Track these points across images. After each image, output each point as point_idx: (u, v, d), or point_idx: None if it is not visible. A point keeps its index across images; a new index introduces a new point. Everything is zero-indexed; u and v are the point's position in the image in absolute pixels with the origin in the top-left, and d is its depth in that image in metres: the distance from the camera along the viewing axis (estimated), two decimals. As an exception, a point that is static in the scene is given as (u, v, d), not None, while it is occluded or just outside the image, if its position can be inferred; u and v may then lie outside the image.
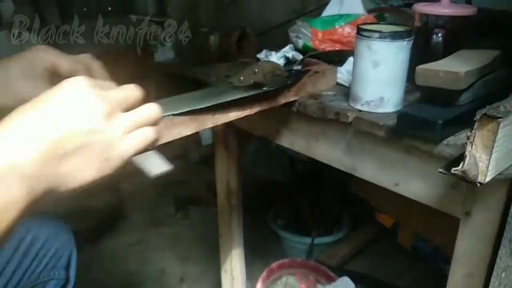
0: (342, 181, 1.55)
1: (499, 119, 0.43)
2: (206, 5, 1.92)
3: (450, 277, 0.59)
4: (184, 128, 0.54)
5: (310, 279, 1.33)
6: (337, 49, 0.86)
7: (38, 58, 0.57)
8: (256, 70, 0.71)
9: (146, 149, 0.44)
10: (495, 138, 0.43)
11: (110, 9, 1.73)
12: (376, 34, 0.59)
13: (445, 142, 0.53)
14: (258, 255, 1.45)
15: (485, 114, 0.43)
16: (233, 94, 0.60)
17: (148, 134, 0.44)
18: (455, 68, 0.54)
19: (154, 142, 0.45)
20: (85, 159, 0.39)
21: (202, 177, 1.92)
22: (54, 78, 0.57)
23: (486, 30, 0.72)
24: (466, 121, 0.48)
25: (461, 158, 0.45)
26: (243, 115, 0.61)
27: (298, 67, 0.81)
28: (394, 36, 0.59)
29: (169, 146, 0.52)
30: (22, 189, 0.36)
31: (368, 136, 0.62)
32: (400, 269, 1.47)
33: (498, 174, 0.46)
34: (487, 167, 0.44)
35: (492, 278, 0.53)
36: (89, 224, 1.71)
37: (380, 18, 0.91)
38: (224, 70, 0.88)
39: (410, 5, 0.78)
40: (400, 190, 0.63)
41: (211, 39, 1.14)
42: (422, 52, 0.65)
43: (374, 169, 0.65)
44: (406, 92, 0.64)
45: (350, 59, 0.72)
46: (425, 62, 0.57)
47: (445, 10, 0.67)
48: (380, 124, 0.59)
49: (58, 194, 0.39)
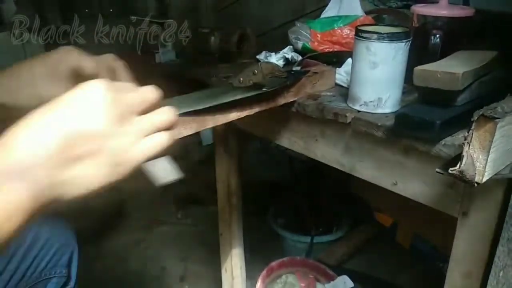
0: (341, 180, 1.55)
1: (496, 120, 0.43)
2: (207, 6, 1.92)
3: (448, 276, 0.59)
4: (184, 128, 0.54)
5: (310, 278, 1.33)
6: (335, 50, 0.86)
7: (63, 59, 0.57)
8: (255, 71, 0.71)
9: (158, 155, 0.42)
10: (492, 138, 0.43)
11: (111, 10, 1.73)
12: (374, 35, 0.59)
13: (442, 142, 0.53)
14: (258, 254, 1.45)
15: (482, 115, 0.43)
16: (233, 94, 0.60)
17: (162, 139, 0.42)
18: (453, 69, 0.54)
19: (167, 148, 0.43)
20: (94, 165, 0.38)
21: (202, 176, 1.92)
22: (78, 79, 0.57)
23: (484, 31, 0.72)
24: (463, 121, 0.48)
25: (458, 158, 0.45)
26: (243, 116, 0.62)
27: (297, 68, 0.81)
28: (392, 37, 0.59)
29: (169, 146, 0.51)
30: (29, 195, 0.35)
31: (366, 136, 0.62)
32: (398, 268, 1.47)
33: (495, 174, 0.46)
34: (484, 167, 0.44)
35: (490, 277, 0.53)
36: (90, 223, 1.71)
37: (378, 19, 0.91)
38: (224, 71, 0.88)
39: (408, 6, 0.78)
40: (398, 190, 0.63)
41: (211, 40, 1.14)
42: (420, 53, 0.65)
43: (372, 169, 0.65)
44: (404, 92, 0.64)
45: (349, 60, 0.72)
46: (423, 63, 0.57)
47: (443, 11, 0.67)
48: (378, 124, 0.59)
49: (64, 201, 0.38)
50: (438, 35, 0.66)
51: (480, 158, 0.44)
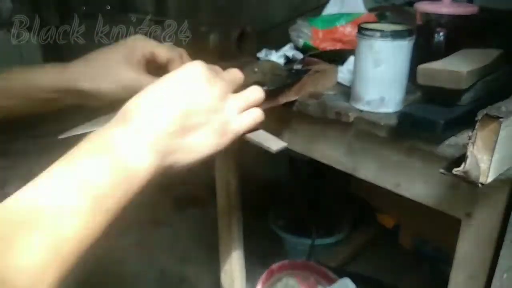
0: (343, 181, 1.56)
1: (501, 119, 0.43)
2: (206, 3, 1.93)
3: (451, 278, 0.60)
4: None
5: (311, 281, 1.33)
6: (337, 48, 0.86)
7: (138, 46, 0.62)
8: (256, 69, 0.71)
9: (255, 128, 0.49)
10: (497, 138, 0.43)
11: (109, 7, 1.73)
12: (377, 33, 0.59)
13: (446, 142, 0.53)
14: (258, 256, 1.45)
15: (486, 114, 0.44)
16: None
17: (256, 114, 0.49)
18: (457, 67, 0.55)
19: (261, 122, 0.49)
20: (204, 134, 0.44)
21: (201, 177, 1.92)
22: (151, 65, 0.63)
23: (488, 29, 0.72)
24: (467, 121, 0.48)
25: (462, 158, 0.45)
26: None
27: (299, 67, 0.81)
28: (396, 35, 0.59)
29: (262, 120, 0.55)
30: (151, 157, 0.40)
31: (369, 136, 0.62)
32: (401, 270, 1.47)
33: (499, 175, 0.46)
34: (489, 168, 0.44)
35: (493, 279, 0.53)
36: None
37: (381, 17, 0.91)
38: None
39: (411, 3, 0.78)
40: (401, 191, 0.63)
41: (211, 38, 1.14)
42: (423, 51, 0.65)
43: (375, 169, 0.66)
44: (408, 91, 0.64)
45: (351, 59, 0.72)
46: (426, 62, 0.58)
47: (447, 9, 0.68)
48: (381, 124, 0.59)
49: (177, 168, 0.44)
50: (441, 33, 0.66)
51: (484, 158, 0.44)
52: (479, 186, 0.45)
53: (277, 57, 0.87)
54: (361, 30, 0.61)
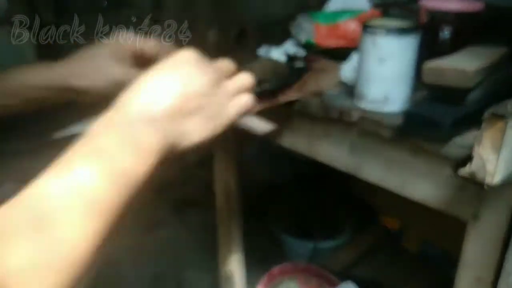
0: (346, 182, 1.56)
1: (508, 119, 0.43)
2: (205, -1, 1.93)
3: (457, 281, 0.60)
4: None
5: (313, 284, 1.34)
6: (341, 45, 0.86)
7: (125, 42, 0.65)
8: (256, 67, 0.72)
9: (246, 112, 0.52)
10: (504, 138, 0.43)
11: (106, 3, 1.74)
12: (381, 30, 0.59)
13: (452, 142, 0.53)
14: (258, 259, 1.46)
15: (493, 114, 0.44)
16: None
17: (247, 99, 0.52)
18: (463, 65, 0.55)
19: (252, 107, 0.53)
20: (201, 119, 0.47)
21: (200, 178, 1.92)
22: (140, 60, 0.65)
23: (494, 26, 0.72)
24: (474, 120, 0.48)
25: (468, 159, 0.45)
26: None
27: (300, 64, 0.81)
28: (401, 32, 0.59)
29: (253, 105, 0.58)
30: (157, 139, 0.42)
31: (372, 136, 0.63)
32: (406, 273, 1.47)
33: (507, 175, 0.47)
34: (495, 168, 0.44)
35: (500, 282, 0.53)
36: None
37: (385, 13, 0.91)
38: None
39: (416, 0, 0.78)
40: (405, 192, 0.63)
41: (210, 35, 1.14)
42: (429, 49, 0.65)
43: (379, 170, 0.66)
44: (413, 90, 0.64)
45: (355, 56, 0.72)
46: (431, 59, 0.58)
47: (452, 5, 0.68)
48: (385, 123, 0.60)
49: (176, 152, 0.46)
50: (447, 30, 0.66)
51: (490, 159, 0.44)
52: (486, 187, 0.45)
53: (278, 54, 0.88)
54: (365, 27, 0.61)
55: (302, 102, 0.70)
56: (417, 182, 0.61)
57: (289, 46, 0.89)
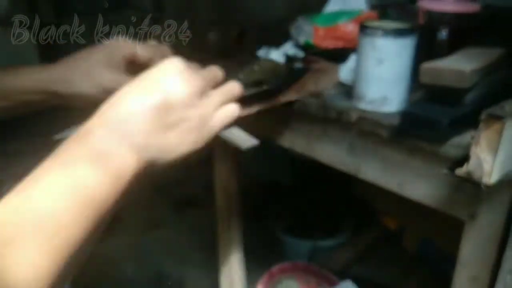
0: (345, 182, 1.56)
1: (505, 119, 0.43)
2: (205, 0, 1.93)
3: (454, 280, 0.60)
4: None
5: (312, 284, 1.34)
6: (339, 46, 0.87)
7: (118, 48, 0.63)
8: (255, 68, 0.72)
9: (230, 123, 0.50)
10: (500, 138, 0.44)
11: (107, 4, 1.74)
12: (379, 31, 0.60)
13: (450, 142, 0.53)
14: (258, 259, 1.46)
15: (490, 114, 0.44)
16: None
17: (233, 109, 0.50)
18: (460, 66, 0.55)
19: (235, 117, 0.51)
20: (183, 132, 0.45)
21: (200, 178, 1.92)
22: (132, 66, 0.64)
23: (492, 27, 0.72)
24: (471, 121, 0.48)
25: (465, 159, 0.45)
26: (243, 115, 0.62)
27: (299, 65, 0.82)
28: (398, 33, 0.59)
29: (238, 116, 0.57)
30: (133, 157, 0.41)
31: (371, 136, 0.63)
32: (404, 272, 1.47)
33: (503, 176, 0.47)
34: (492, 168, 0.44)
35: (497, 281, 0.53)
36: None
37: (383, 15, 0.91)
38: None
39: (414, 1, 0.78)
40: (403, 192, 0.63)
41: (210, 36, 1.14)
42: (426, 49, 0.65)
43: (377, 170, 0.66)
44: (411, 90, 0.64)
45: (353, 57, 0.72)
46: (429, 60, 0.58)
47: (450, 6, 0.68)
48: (383, 123, 0.60)
49: (157, 166, 0.44)
50: (445, 31, 0.66)
51: (487, 159, 0.45)
52: (483, 187, 0.45)
53: (277, 55, 0.88)
54: (363, 28, 0.61)
55: (301, 103, 0.70)
56: (415, 182, 0.61)
57: (288, 47, 0.90)
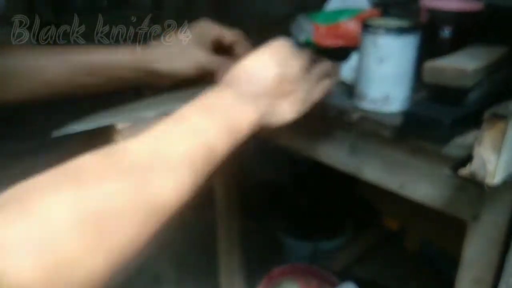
0: (346, 183, 1.56)
1: (508, 119, 0.43)
2: (205, 0, 1.93)
3: (457, 282, 0.60)
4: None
5: (313, 286, 1.34)
6: (340, 45, 0.86)
7: (207, 29, 0.71)
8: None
9: (328, 94, 0.60)
10: (504, 138, 0.43)
11: (106, 3, 1.74)
12: (381, 29, 0.59)
13: (453, 142, 0.53)
14: (258, 261, 1.46)
15: (493, 114, 0.44)
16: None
17: (329, 84, 0.59)
18: (463, 64, 0.55)
19: (332, 90, 0.61)
20: (291, 101, 0.53)
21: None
22: (218, 46, 0.71)
23: (495, 26, 0.72)
24: (474, 120, 0.48)
25: (468, 159, 0.45)
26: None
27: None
28: (401, 31, 0.59)
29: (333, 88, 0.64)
30: (253, 112, 0.49)
31: (373, 136, 0.63)
32: (406, 274, 1.47)
33: (507, 176, 0.47)
34: (496, 169, 0.44)
35: (500, 283, 0.53)
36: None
37: (385, 13, 0.91)
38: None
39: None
40: (405, 192, 0.63)
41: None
42: (429, 48, 0.65)
43: (379, 170, 0.66)
44: (413, 90, 0.64)
45: (354, 55, 0.72)
46: (431, 59, 0.58)
47: (453, 5, 0.68)
48: (385, 123, 0.59)
49: (267, 126, 0.52)
50: (447, 30, 0.66)
51: (491, 159, 0.44)
52: (486, 187, 0.45)
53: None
54: (364, 26, 0.61)
55: (301, 102, 0.69)
56: (417, 182, 0.61)
57: (289, 46, 0.89)
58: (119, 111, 0.67)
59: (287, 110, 0.53)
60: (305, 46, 0.89)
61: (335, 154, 0.71)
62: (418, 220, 1.42)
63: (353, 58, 0.74)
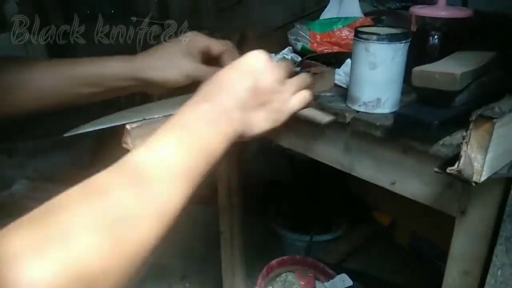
0: (341, 180, 1.55)
1: (494, 120, 0.43)
2: (207, 7, 1.92)
3: (446, 275, 0.59)
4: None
5: (309, 276, 1.33)
6: (335, 51, 0.86)
7: (195, 41, 0.69)
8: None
9: (305, 107, 0.55)
10: (490, 138, 0.43)
11: (112, 11, 1.73)
12: (373, 37, 0.59)
13: (441, 142, 0.53)
14: (258, 253, 1.45)
15: (480, 115, 0.43)
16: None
17: (306, 94, 0.55)
18: (451, 69, 0.54)
19: (311, 102, 0.57)
20: (267, 112, 0.51)
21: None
22: (206, 57, 0.70)
23: (483, 32, 0.72)
24: (462, 121, 0.48)
25: (456, 158, 0.45)
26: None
27: (297, 69, 0.81)
28: (391, 38, 0.59)
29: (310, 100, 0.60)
30: (229, 128, 0.47)
31: (365, 136, 0.62)
32: (397, 266, 1.47)
33: (493, 174, 0.46)
34: (482, 167, 0.44)
35: (488, 276, 0.53)
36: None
37: (377, 21, 0.91)
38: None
39: (407, 7, 0.78)
40: (396, 189, 0.63)
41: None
42: (418, 54, 0.65)
43: (371, 168, 0.65)
44: (403, 93, 0.64)
45: (348, 61, 0.72)
46: (421, 64, 0.57)
47: (441, 12, 0.67)
48: (377, 124, 0.59)
49: (243, 138, 0.50)
50: (436, 36, 0.66)
51: (478, 158, 0.44)
52: (473, 184, 0.45)
53: (276, 60, 0.87)
54: (357, 34, 0.61)
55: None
56: (407, 180, 0.61)
57: (286, 52, 0.89)
58: (128, 113, 0.66)
59: (262, 120, 0.50)
60: (302, 52, 0.89)
61: (331, 153, 0.71)
62: (408, 215, 1.41)
63: (347, 64, 0.73)
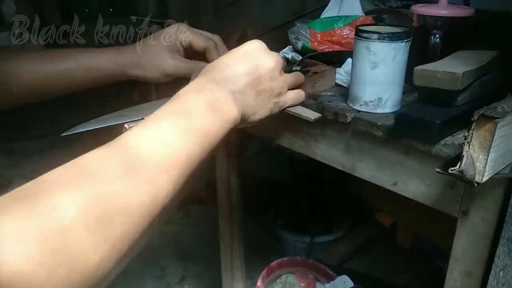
0: (341, 180, 1.55)
1: (497, 120, 0.43)
2: (207, 6, 1.92)
3: (448, 276, 0.59)
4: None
5: (310, 278, 1.33)
6: (335, 50, 0.86)
7: (178, 37, 0.70)
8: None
9: (296, 104, 0.57)
10: (493, 138, 0.43)
11: (111, 10, 1.73)
12: (374, 35, 0.59)
13: (442, 142, 0.53)
14: (258, 254, 1.45)
15: (482, 115, 0.43)
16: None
17: (300, 93, 0.58)
18: (453, 68, 0.54)
19: (302, 101, 0.58)
20: (265, 99, 0.52)
21: (202, 176, 1.92)
22: (190, 51, 0.71)
23: (484, 31, 0.72)
24: (463, 121, 0.48)
25: (458, 158, 0.45)
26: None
27: (297, 68, 0.81)
28: (392, 37, 0.59)
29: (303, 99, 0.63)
30: (235, 107, 0.48)
31: (366, 136, 0.62)
32: (399, 267, 1.47)
33: (495, 174, 0.46)
34: (484, 167, 0.44)
35: (490, 277, 0.53)
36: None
37: (378, 19, 0.91)
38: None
39: (408, 6, 0.78)
40: (398, 189, 0.62)
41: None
42: (420, 53, 0.65)
43: (372, 169, 0.65)
44: (405, 92, 0.64)
45: (349, 60, 0.72)
46: (423, 63, 0.57)
47: (443, 11, 0.67)
48: (378, 124, 0.59)
49: (244, 123, 0.51)
50: (438, 35, 0.66)
51: (480, 158, 0.44)
52: (475, 185, 0.44)
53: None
54: (358, 32, 0.61)
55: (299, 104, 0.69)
56: (408, 180, 0.61)
57: (287, 51, 0.89)
58: (126, 112, 0.66)
59: (263, 106, 0.52)
60: (302, 51, 0.89)
61: (331, 153, 0.71)
62: (409, 216, 1.41)
63: (348, 63, 0.73)
